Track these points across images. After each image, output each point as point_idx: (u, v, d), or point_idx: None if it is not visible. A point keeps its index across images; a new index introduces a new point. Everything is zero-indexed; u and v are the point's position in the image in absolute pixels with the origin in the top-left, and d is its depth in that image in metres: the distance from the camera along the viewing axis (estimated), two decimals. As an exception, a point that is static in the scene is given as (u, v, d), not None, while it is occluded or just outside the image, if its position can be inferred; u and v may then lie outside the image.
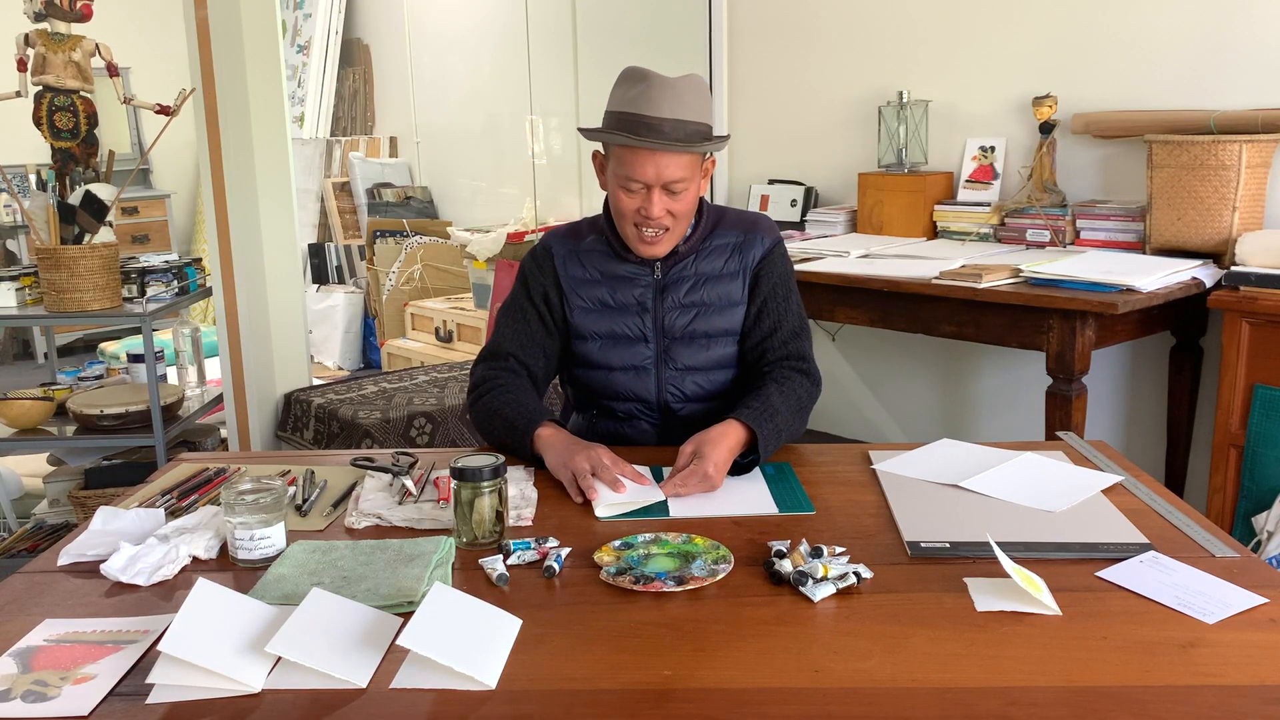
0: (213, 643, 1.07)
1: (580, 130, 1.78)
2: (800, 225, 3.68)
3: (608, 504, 1.52)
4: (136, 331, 5.12)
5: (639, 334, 1.83)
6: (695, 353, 1.83)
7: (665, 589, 1.24)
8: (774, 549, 1.32)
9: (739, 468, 1.64)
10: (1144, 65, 2.95)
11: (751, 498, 1.55)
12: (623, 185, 1.72)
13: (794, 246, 3.23)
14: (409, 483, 1.58)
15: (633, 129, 1.67)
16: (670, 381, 1.84)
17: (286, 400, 3.44)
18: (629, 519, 1.48)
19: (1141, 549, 1.33)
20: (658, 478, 1.61)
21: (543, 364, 1.87)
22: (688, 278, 1.82)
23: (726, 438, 1.61)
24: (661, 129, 1.66)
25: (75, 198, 2.99)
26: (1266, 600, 1.18)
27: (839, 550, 1.33)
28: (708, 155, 1.77)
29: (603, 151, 1.79)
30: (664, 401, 1.85)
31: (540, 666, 1.09)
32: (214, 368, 3.63)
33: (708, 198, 1.88)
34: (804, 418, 1.79)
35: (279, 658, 1.08)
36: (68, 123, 3.01)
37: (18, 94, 2.96)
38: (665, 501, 1.53)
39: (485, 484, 1.38)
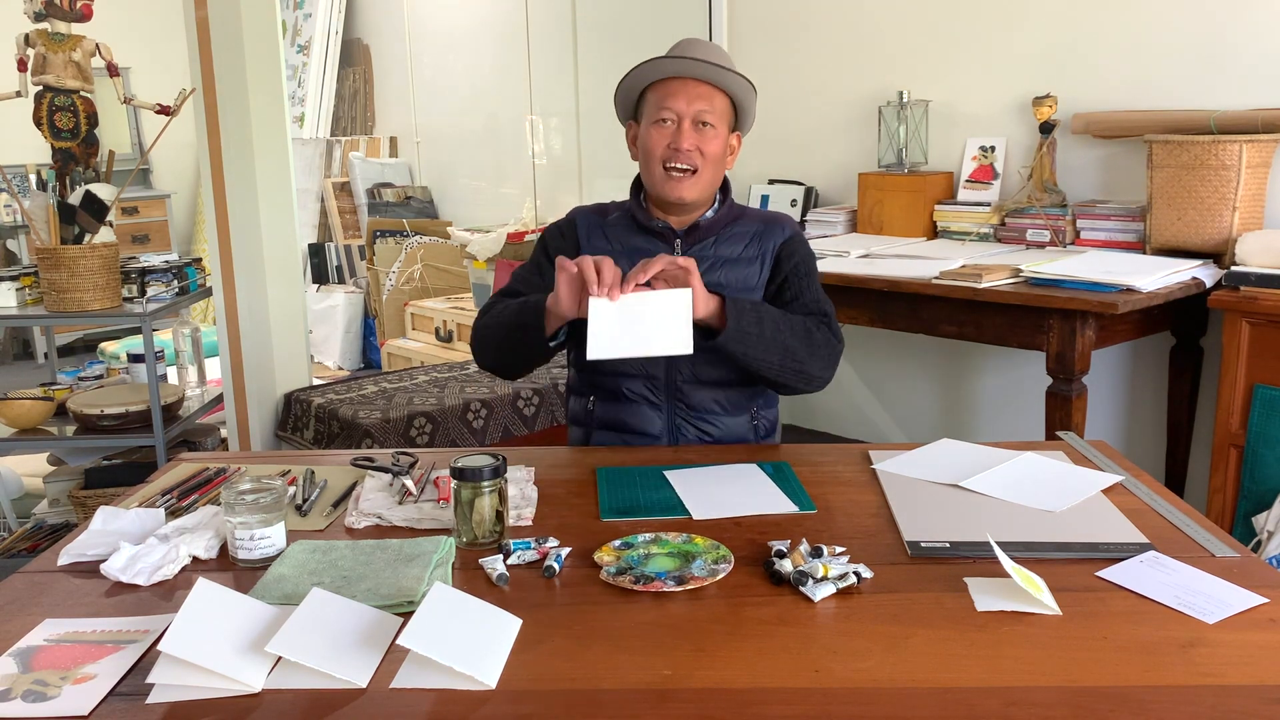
0: (213, 643, 1.07)
1: (619, 86, 1.85)
2: (800, 225, 3.68)
3: (609, 339, 1.56)
4: (136, 331, 5.12)
5: None
6: None
7: (665, 589, 1.24)
8: (774, 549, 1.32)
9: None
10: (1144, 65, 2.95)
11: (761, 496, 1.55)
12: (654, 122, 1.79)
13: (794, 246, 3.22)
14: (409, 483, 1.58)
15: (665, 63, 1.79)
16: (680, 361, 1.82)
17: (286, 400, 3.44)
18: (629, 519, 1.47)
19: (1141, 549, 1.33)
20: (662, 482, 1.60)
21: None
22: (706, 258, 1.84)
23: (698, 285, 1.64)
24: (694, 59, 1.77)
25: (75, 198, 2.99)
26: (1266, 600, 1.18)
27: (839, 550, 1.33)
28: (735, 124, 1.86)
29: (636, 122, 1.86)
30: (673, 381, 1.84)
31: (540, 666, 1.09)
32: (214, 368, 3.64)
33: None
34: (808, 344, 1.75)
35: (279, 658, 1.08)
36: (68, 123, 3.01)
37: (18, 94, 2.96)
38: (680, 502, 1.52)
39: (485, 484, 1.38)
